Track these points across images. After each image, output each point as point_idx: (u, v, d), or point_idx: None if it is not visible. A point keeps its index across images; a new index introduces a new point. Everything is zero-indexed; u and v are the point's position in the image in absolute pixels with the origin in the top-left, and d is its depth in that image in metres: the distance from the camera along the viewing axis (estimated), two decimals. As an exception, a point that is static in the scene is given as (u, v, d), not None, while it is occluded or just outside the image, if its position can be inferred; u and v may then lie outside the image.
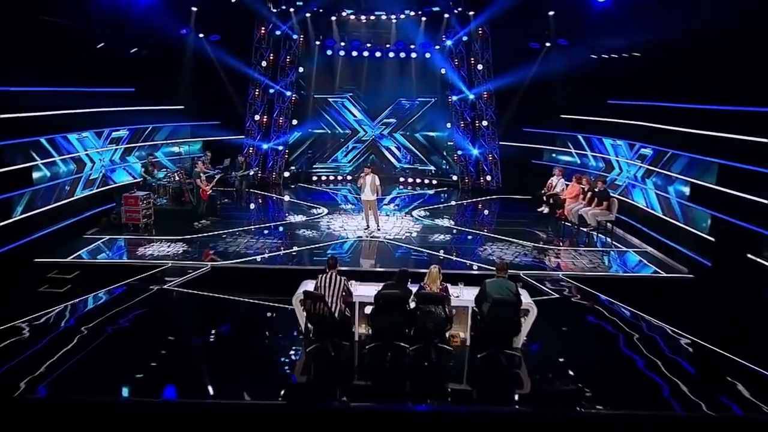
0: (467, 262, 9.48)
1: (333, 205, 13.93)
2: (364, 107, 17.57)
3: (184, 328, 7.13)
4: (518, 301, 6.30)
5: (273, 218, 12.66)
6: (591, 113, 13.26)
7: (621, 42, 12.12)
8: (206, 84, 14.61)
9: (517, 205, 14.51)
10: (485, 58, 15.80)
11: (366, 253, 10.19)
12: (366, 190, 10.91)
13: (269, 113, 16.16)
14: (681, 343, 6.92)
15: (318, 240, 10.64)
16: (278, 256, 9.53)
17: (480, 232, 11.63)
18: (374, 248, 10.41)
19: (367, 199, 11.02)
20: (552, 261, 9.71)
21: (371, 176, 10.88)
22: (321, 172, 17.74)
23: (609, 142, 12.93)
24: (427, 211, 13.41)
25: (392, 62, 16.67)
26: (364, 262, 9.64)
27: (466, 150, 16.51)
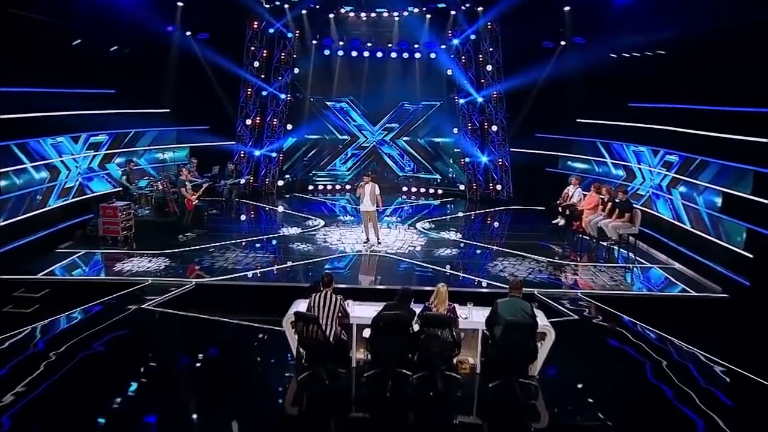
0: (476, 279, 9.34)
1: (330, 217, 13.89)
2: (364, 111, 17.65)
3: (165, 353, 6.95)
4: (534, 324, 6.04)
5: (265, 231, 12.57)
6: (610, 117, 13.21)
7: (643, 39, 12.00)
8: (194, 86, 14.56)
9: (529, 217, 14.46)
10: (495, 58, 15.79)
11: (365, 269, 10.10)
12: (365, 200, 10.82)
13: (262, 117, 16.22)
14: (716, 371, 6.71)
15: (314, 254, 10.57)
16: (271, 272, 9.41)
17: (490, 246, 11.53)
18: (374, 263, 10.30)
19: (367, 210, 10.92)
20: (569, 278, 9.59)
21: (371, 185, 10.79)
22: (318, 180, 17.79)
23: (630, 148, 12.83)
24: (432, 223, 13.36)
25: (395, 63, 16.73)
26: (364, 279, 9.56)
27: (474, 157, 16.51)
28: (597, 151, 14.12)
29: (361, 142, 17.99)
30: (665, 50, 11.71)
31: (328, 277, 6.36)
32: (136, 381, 6.17)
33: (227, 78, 15.31)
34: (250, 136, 16.18)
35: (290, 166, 17.43)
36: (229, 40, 15.09)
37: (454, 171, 17.60)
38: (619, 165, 13.35)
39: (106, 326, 7.31)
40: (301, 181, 17.52)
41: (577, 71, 13.98)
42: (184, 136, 15.21)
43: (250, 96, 15.97)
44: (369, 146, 17.98)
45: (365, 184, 10.81)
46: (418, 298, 6.50)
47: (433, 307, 6.19)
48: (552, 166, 15.42)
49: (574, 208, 12.10)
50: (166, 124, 14.73)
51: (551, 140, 15.15)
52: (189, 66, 14.69)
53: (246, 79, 15.80)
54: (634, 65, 12.60)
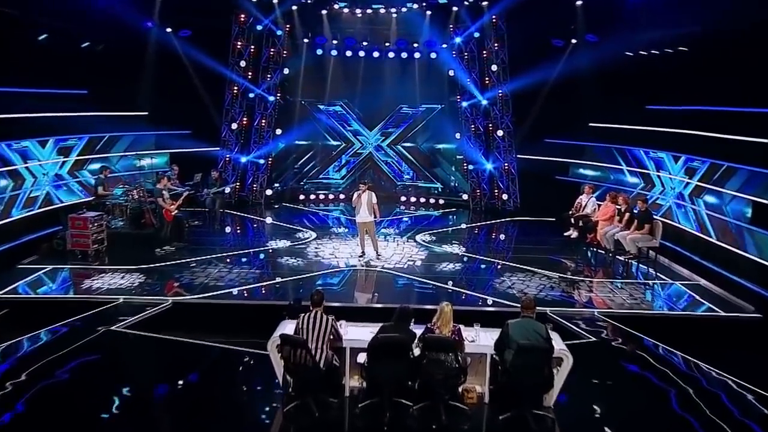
0: (481, 296, 9.25)
1: (323, 229, 13.83)
2: (359, 115, 17.66)
3: (138, 380, 6.73)
4: (549, 348, 5.81)
5: (252, 244, 12.56)
6: (626, 120, 13.13)
7: (662, 35, 11.93)
8: (174, 87, 14.43)
9: (539, 229, 14.42)
10: (500, 58, 15.77)
11: (361, 285, 10.01)
12: (362, 210, 10.74)
13: (249, 121, 16.15)
14: (750, 401, 6.49)
15: (304, 269, 10.48)
16: (258, 290, 9.32)
17: (496, 261, 11.46)
18: (371, 280, 10.23)
19: (364, 221, 10.85)
20: (583, 295, 9.50)
21: (368, 194, 10.73)
22: (309, 190, 17.76)
23: (649, 154, 12.78)
24: (433, 236, 13.32)
25: (392, 63, 16.73)
26: (359, 297, 9.44)
27: (478, 164, 16.47)
28: (611, 157, 14.06)
29: (357, 149, 18.01)
30: (687, 47, 11.53)
31: (319, 296, 6.14)
32: (106, 413, 5.92)
33: (211, 78, 15.22)
34: (235, 142, 16.11)
35: (279, 174, 17.39)
36: (213, 38, 15.01)
37: (456, 179, 17.64)
38: (636, 172, 13.31)
39: (72, 350, 7.08)
40: (291, 190, 17.50)
41: (590, 71, 13.94)
42: (163, 141, 15.14)
43: (236, 98, 15.93)
44: (365, 153, 17.99)
45: (362, 193, 10.73)
46: (419, 318, 6.32)
47: (436, 329, 6.00)
48: (562, 173, 15.41)
49: (587, 219, 12.04)
50: (144, 128, 14.64)
51: (561, 146, 15.13)
52: (169, 65, 14.59)
53: (231, 79, 15.75)
54: (652, 64, 12.55)
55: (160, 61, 14.58)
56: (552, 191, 14.79)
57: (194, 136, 15.41)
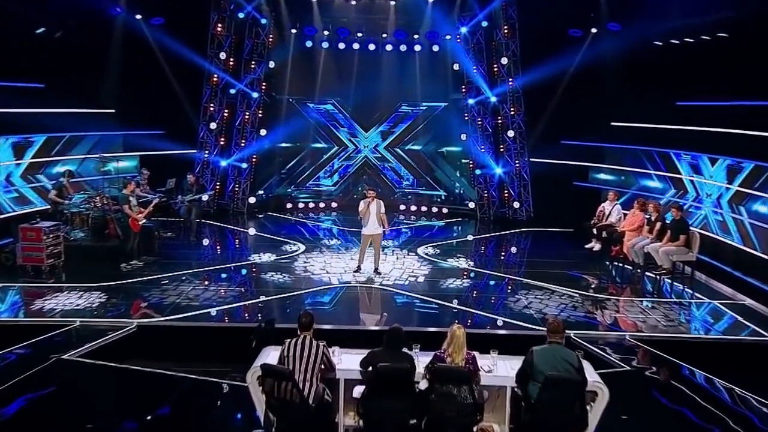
0: (493, 317, 9.12)
1: (312, 241, 13.85)
2: (353, 114, 17.70)
3: (96, 418, 6.39)
4: (582, 380, 5.54)
5: (233, 258, 12.54)
6: (654, 119, 12.98)
7: (698, 20, 11.72)
8: (145, 81, 14.37)
9: (555, 241, 14.45)
10: (511, 50, 15.73)
11: (357, 304, 9.91)
12: (370, 220, 10.68)
13: (229, 120, 16.12)
14: (811, 440, 6.14)
15: (291, 287, 10.39)
16: (238, 310, 9.20)
17: (508, 276, 11.44)
18: (368, 298, 10.15)
19: (372, 233, 10.79)
20: (610, 316, 9.32)
21: (376, 203, 10.70)
22: (297, 197, 17.82)
23: (680, 156, 12.70)
24: (436, 248, 13.30)
25: (390, 57, 16.72)
26: (355, 318, 9.34)
27: (486, 169, 16.46)
28: (637, 160, 13.97)
29: (350, 152, 18.04)
30: (726, 32, 11.27)
31: (308, 318, 5.91)
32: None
33: (187, 72, 15.12)
34: (214, 143, 16.07)
35: (264, 179, 17.35)
36: (190, 26, 14.91)
37: (461, 185, 17.67)
38: (666, 177, 13.22)
39: (19, 383, 6.76)
40: (277, 197, 17.51)
41: (612, 64, 13.85)
42: (133, 142, 15.03)
43: (215, 94, 15.83)
44: (359, 156, 18.02)
45: (370, 202, 10.66)
46: (426, 344, 6.15)
47: (447, 357, 5.71)
48: (581, 179, 15.36)
49: (612, 229, 11.86)
50: (110, 127, 14.46)
51: (580, 148, 15.04)
52: (139, 57, 14.48)
53: (210, 73, 15.68)
54: (684, 54, 12.42)
55: (129, 51, 14.43)
56: (569, 199, 14.72)
57: (168, 137, 15.27)
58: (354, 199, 17.19)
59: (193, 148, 15.86)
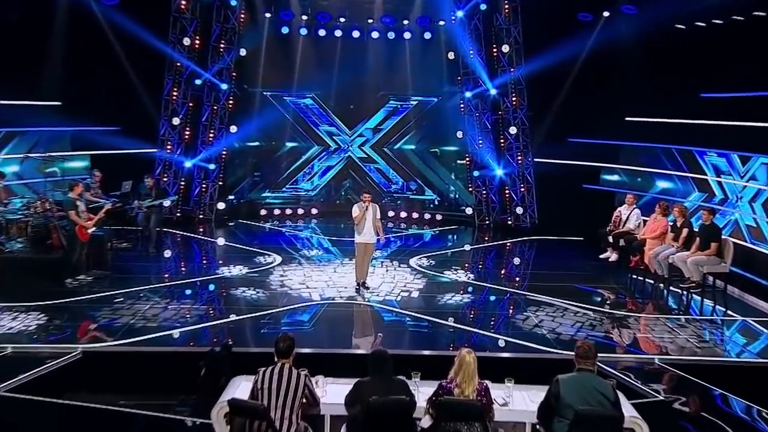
0: (497, 336, 8.98)
1: (290, 252, 13.77)
2: (336, 110, 17.81)
3: None
4: (619, 416, 5.23)
5: (198, 271, 12.44)
6: (675, 113, 12.89)
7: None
8: (97, 70, 14.27)
9: (564, 251, 14.49)
10: (513, 36, 15.71)
11: (342, 324, 9.69)
12: (365, 227, 10.54)
13: (195, 115, 16.08)
14: None
15: (266, 304, 10.19)
16: (204, 332, 8.95)
17: (512, 291, 11.39)
18: (357, 317, 10.03)
19: (367, 242, 10.65)
20: (633, 337, 9.17)
21: (372, 208, 10.57)
22: (273, 203, 17.83)
23: (705, 155, 12.61)
24: (431, 259, 13.31)
25: (377, 45, 16.86)
26: (339, 340, 9.12)
27: (485, 170, 16.45)
28: (655, 159, 13.92)
29: (332, 152, 18.08)
30: (764, 10, 11.12)
31: (287, 342, 5.58)
32: None
33: (146, 59, 14.96)
34: (178, 142, 15.92)
35: (235, 182, 17.31)
36: (149, 7, 14.79)
37: (457, 189, 17.72)
38: (688, 179, 13.15)
39: None
40: (249, 203, 17.50)
41: (627, 51, 13.86)
42: (82, 140, 14.82)
43: (178, 85, 15.66)
44: (343, 157, 18.08)
45: (367, 206, 10.49)
46: (426, 370, 6.02)
47: (455, 388, 5.42)
48: (592, 181, 15.41)
49: (631, 237, 11.70)
50: (56, 123, 14.18)
51: (591, 146, 15.04)
52: (90, 41, 14.30)
53: (173, 61, 15.53)
54: (710, 38, 12.28)
55: (77, 35, 14.19)
56: (579, 203, 14.73)
57: (123, 133, 15.07)
58: (337, 205, 17.67)
59: (153, 146, 15.67)
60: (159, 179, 15.12)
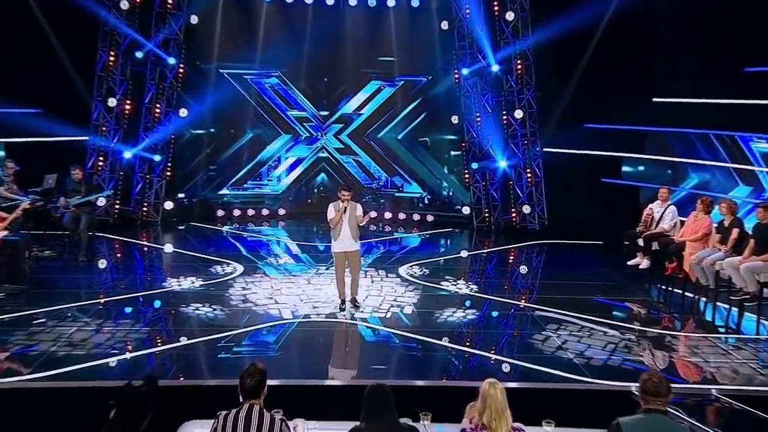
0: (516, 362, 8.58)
1: (253, 260, 13.63)
2: (308, 91, 17.82)
3: None
4: None
5: (141, 285, 12.06)
6: (713, 92, 12.81)
7: None
8: (12, 40, 14.17)
9: (581, 257, 14.47)
10: (518, 2, 15.71)
11: (320, 348, 9.36)
12: (343, 231, 10.18)
13: (137, 95, 15.97)
14: None
15: (225, 324, 9.83)
16: (147, 360, 8.57)
17: (520, 304, 11.20)
18: (338, 338, 9.74)
19: (346, 250, 10.30)
20: (676, 362, 8.85)
21: (352, 207, 10.20)
22: (232, 202, 17.82)
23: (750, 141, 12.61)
24: (423, 268, 13.20)
25: (356, 14, 16.83)
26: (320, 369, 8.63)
27: (486, 162, 16.41)
28: (689, 147, 13.94)
29: (303, 140, 18.02)
30: None
31: (255, 378, 5.14)
32: None
33: (75, 26, 14.78)
34: (115, 127, 15.72)
35: (186, 177, 17.21)
36: None
37: (451, 185, 17.78)
38: (730, 169, 13.16)
39: None
40: (203, 202, 17.44)
41: (657, 20, 13.93)
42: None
43: (114, 58, 15.43)
44: (315, 147, 18.07)
45: (345, 206, 10.08)
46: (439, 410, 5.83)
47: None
48: (612, 173, 15.38)
49: (667, 239, 11.40)
50: None
51: (611, 133, 14.92)
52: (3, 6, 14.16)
53: (108, 28, 15.32)
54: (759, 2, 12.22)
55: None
56: (597, 200, 14.78)
57: (47, 116, 14.75)
58: (309, 205, 17.75)
59: (83, 132, 15.41)
60: (91, 172, 14.94)
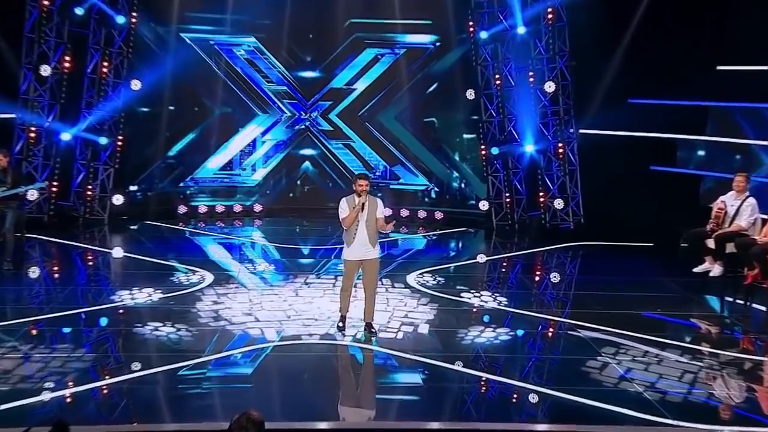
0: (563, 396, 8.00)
1: (224, 268, 13.58)
2: (289, 61, 18.01)
3: None
4: None
5: (83, 298, 11.83)
6: None
7: None
8: None
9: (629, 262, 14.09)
10: None
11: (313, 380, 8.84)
12: (359, 233, 9.66)
13: (76, 64, 15.76)
14: None
15: (192, 347, 9.48)
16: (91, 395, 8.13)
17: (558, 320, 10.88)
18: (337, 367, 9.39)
19: (363, 258, 9.83)
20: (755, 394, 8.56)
21: (372, 203, 9.72)
22: (197, 197, 17.91)
23: None
24: (435, 276, 13.01)
25: None
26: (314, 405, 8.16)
27: (508, 146, 16.39)
28: (764, 126, 13.95)
29: (285, 121, 18.10)
30: None
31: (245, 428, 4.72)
32: None
33: None
34: (50, 102, 15.53)
35: (139, 165, 17.18)
36: None
37: (465, 175, 18.00)
38: None
39: None
40: (161, 196, 17.46)
41: None
42: None
43: (48, 17, 15.18)
44: (299, 130, 18.21)
45: (362, 198, 9.56)
46: None
47: None
48: (664, 160, 15.32)
49: (746, 239, 10.96)
50: None
51: (662, 110, 14.88)
52: None
53: None
54: None
55: None
56: (645, 193, 14.84)
57: None
58: (290, 200, 17.97)
59: (10, 108, 15.20)
60: (20, 158, 14.92)
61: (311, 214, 17.63)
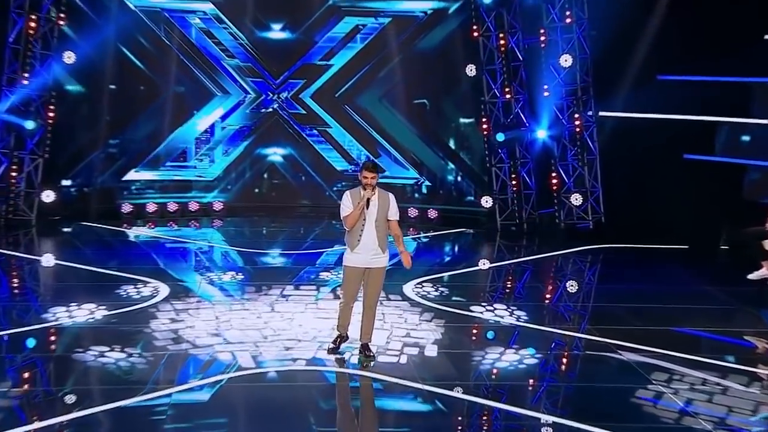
0: None
1: (181, 278, 13.45)
2: (254, 33, 18.25)
3: None
4: None
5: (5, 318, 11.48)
6: None
7: None
8: None
9: (662, 268, 14.30)
10: None
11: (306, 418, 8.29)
12: (366, 234, 9.26)
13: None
14: None
15: (141, 377, 9.06)
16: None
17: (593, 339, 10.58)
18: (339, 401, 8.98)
19: (369, 265, 9.46)
20: None
21: (382, 197, 9.30)
22: (145, 194, 18.21)
23: None
24: (436, 285, 12.92)
25: None
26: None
27: (515, 132, 16.51)
28: None
29: (251, 103, 18.37)
30: None
31: None
32: None
33: None
34: None
35: (74, 156, 17.25)
36: None
37: (462, 167, 18.32)
38: None
39: None
40: (102, 192, 17.51)
41: None
42: None
43: None
44: (265, 113, 18.52)
45: (369, 192, 9.08)
46: None
47: None
48: (700, 147, 15.45)
49: None
50: None
51: (698, 88, 15.03)
52: None
53: None
54: None
55: None
56: (678, 186, 15.11)
57: None
58: (255, 196, 18.07)
59: None
60: None
61: (280, 212, 17.61)
